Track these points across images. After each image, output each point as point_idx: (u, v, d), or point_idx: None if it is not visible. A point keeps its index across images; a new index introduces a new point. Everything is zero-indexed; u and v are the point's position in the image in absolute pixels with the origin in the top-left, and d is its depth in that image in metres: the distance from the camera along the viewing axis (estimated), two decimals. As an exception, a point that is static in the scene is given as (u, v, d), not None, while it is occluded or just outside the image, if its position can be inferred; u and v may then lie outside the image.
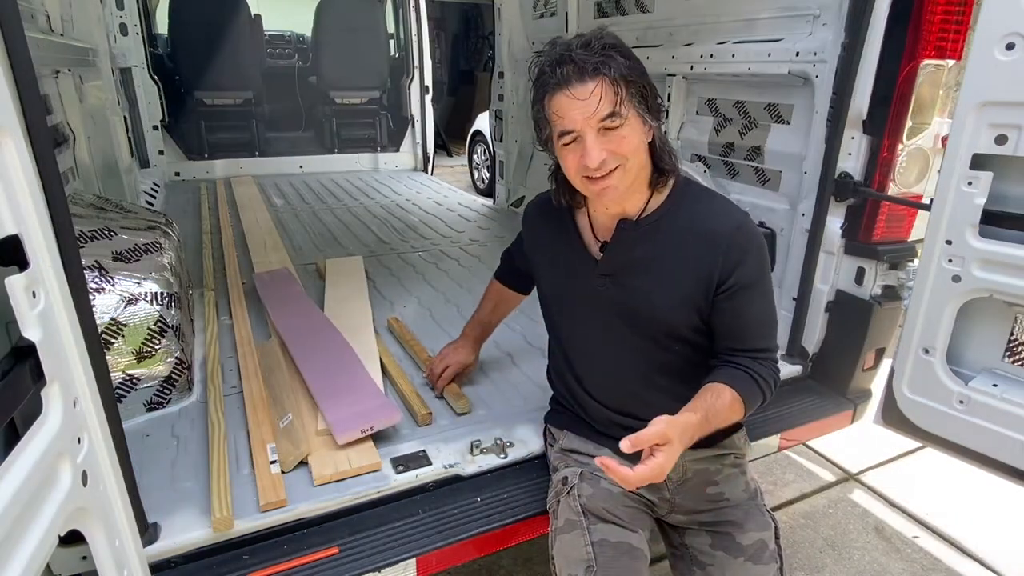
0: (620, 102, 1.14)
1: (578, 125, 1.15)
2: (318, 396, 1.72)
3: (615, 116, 1.14)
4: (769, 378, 1.27)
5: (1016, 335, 1.49)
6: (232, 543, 1.33)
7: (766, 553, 1.30)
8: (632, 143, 1.18)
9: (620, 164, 1.18)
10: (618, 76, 1.14)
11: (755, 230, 1.29)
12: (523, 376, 2.02)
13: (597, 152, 1.15)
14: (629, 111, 1.16)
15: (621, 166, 1.18)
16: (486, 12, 10.17)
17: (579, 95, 1.13)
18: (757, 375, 1.25)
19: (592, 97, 1.13)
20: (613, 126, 1.15)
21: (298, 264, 3.08)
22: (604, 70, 1.13)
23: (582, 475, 1.38)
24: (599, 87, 1.13)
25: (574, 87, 1.13)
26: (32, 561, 0.71)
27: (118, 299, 1.69)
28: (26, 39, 0.90)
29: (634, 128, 1.17)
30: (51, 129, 2.61)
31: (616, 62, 1.14)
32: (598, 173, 1.17)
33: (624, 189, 1.22)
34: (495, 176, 4.71)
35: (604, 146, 1.16)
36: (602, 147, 1.16)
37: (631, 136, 1.17)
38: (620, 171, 1.19)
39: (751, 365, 1.26)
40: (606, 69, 1.13)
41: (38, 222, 0.85)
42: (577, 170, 1.20)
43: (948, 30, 1.67)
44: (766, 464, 2.70)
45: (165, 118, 5.14)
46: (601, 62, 1.13)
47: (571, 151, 1.19)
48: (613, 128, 1.15)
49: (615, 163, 1.17)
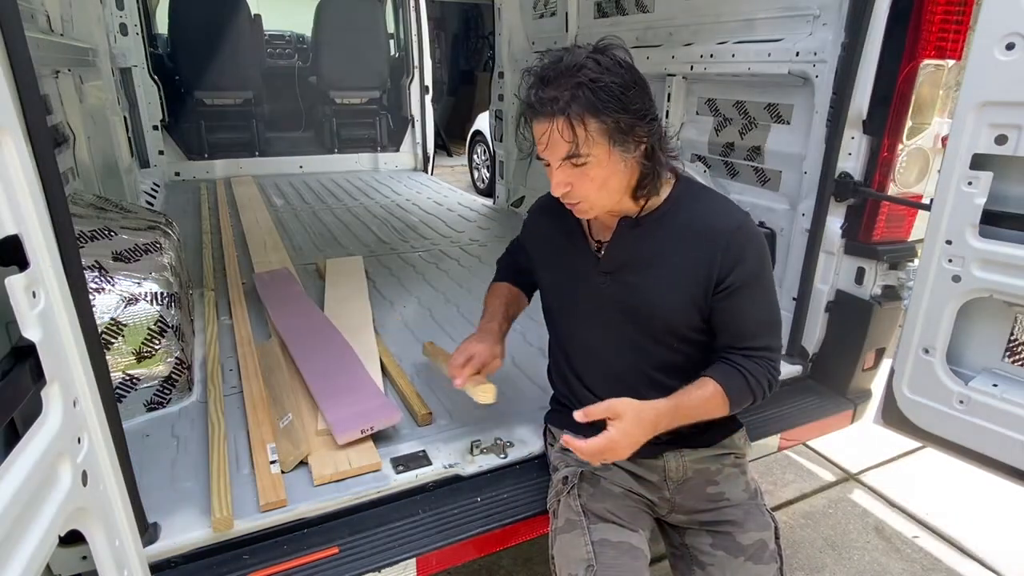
0: (578, 144, 1.12)
1: (546, 157, 1.18)
2: (318, 396, 1.72)
3: (575, 156, 1.14)
4: (762, 377, 1.27)
5: (1016, 335, 1.49)
6: (232, 543, 1.33)
7: (766, 553, 1.30)
8: (596, 180, 1.17)
9: (583, 199, 1.20)
10: (578, 117, 1.10)
11: (756, 230, 1.29)
12: (523, 376, 2.02)
13: (560, 185, 1.19)
14: (592, 148, 1.13)
15: (584, 200, 1.21)
16: (486, 12, 10.17)
17: (540, 130, 1.15)
18: (747, 372, 1.25)
19: (548, 138, 1.14)
20: (576, 164, 1.15)
21: (298, 264, 3.08)
22: (562, 114, 1.10)
23: (582, 475, 1.38)
24: (553, 130, 1.12)
25: (537, 122, 1.15)
26: (32, 561, 0.71)
27: (118, 299, 1.69)
28: (26, 39, 0.90)
29: (601, 164, 1.16)
30: (51, 129, 2.61)
31: (580, 101, 1.10)
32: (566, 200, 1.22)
33: (596, 213, 1.26)
34: (495, 176, 4.72)
35: (568, 179, 1.18)
36: (566, 180, 1.18)
37: (596, 172, 1.16)
38: (585, 204, 1.22)
39: (743, 363, 1.26)
40: (563, 112, 1.10)
41: (38, 222, 0.85)
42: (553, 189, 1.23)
43: (948, 30, 1.67)
44: (766, 464, 2.70)
45: (165, 118, 5.14)
46: (561, 107, 1.10)
47: (547, 171, 1.22)
48: (577, 166, 1.16)
49: (577, 198, 1.20)
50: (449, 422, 1.78)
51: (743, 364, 1.26)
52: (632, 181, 1.23)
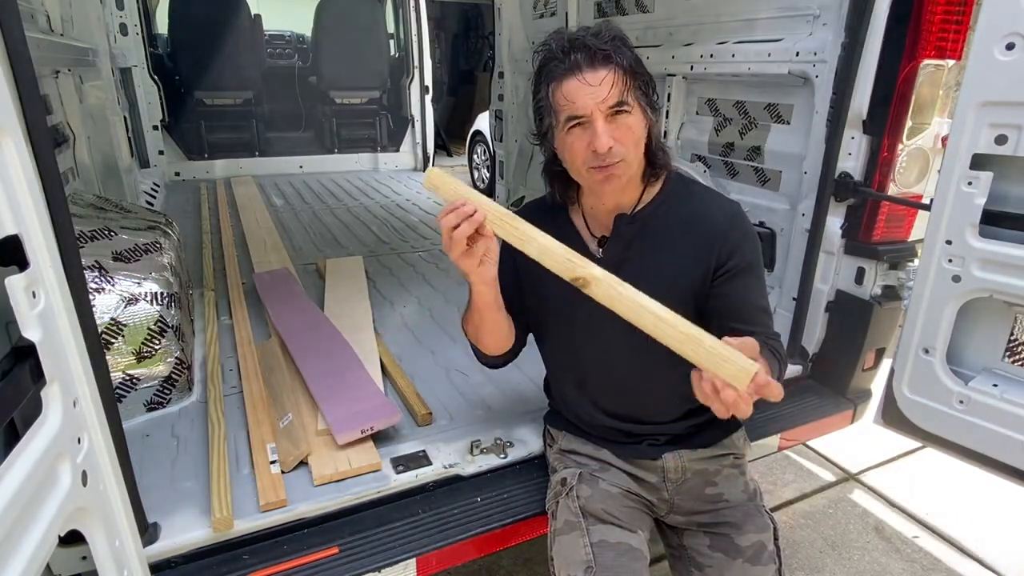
0: (628, 92, 1.15)
1: (588, 110, 1.15)
2: (318, 396, 1.72)
3: (623, 104, 1.15)
4: (783, 357, 1.28)
5: (1016, 335, 1.49)
6: (232, 543, 1.33)
7: (765, 554, 1.29)
8: (636, 134, 1.19)
9: (624, 156, 1.18)
10: (627, 66, 1.15)
11: (748, 220, 1.31)
12: (523, 376, 2.02)
13: (606, 137, 1.15)
14: (635, 102, 1.17)
15: (624, 159, 1.18)
16: (486, 12, 10.16)
17: (591, 80, 1.14)
18: (774, 349, 1.25)
19: (604, 84, 1.13)
20: (621, 111, 1.16)
21: (298, 264, 3.08)
22: (616, 58, 1.14)
23: (581, 476, 1.38)
24: (611, 74, 1.14)
25: (586, 72, 1.14)
26: (32, 561, 0.71)
27: (118, 299, 1.69)
28: (26, 39, 0.90)
29: (638, 119, 1.19)
30: (51, 129, 2.61)
31: (624, 53, 1.16)
32: (605, 161, 1.17)
33: (626, 180, 1.23)
34: (495, 176, 4.71)
35: (611, 133, 1.16)
36: (611, 133, 1.16)
37: (636, 127, 1.18)
38: (623, 164, 1.19)
39: (764, 339, 1.22)
40: (618, 58, 1.14)
41: (38, 222, 0.85)
42: (584, 158, 1.19)
43: (948, 30, 1.67)
44: (766, 464, 2.70)
45: (165, 118, 5.14)
46: (613, 50, 1.15)
47: (578, 137, 1.18)
48: (620, 117, 1.16)
49: (619, 155, 1.18)
50: (449, 422, 1.78)
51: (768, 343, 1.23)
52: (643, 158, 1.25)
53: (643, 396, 1.39)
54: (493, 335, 1.37)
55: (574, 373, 1.45)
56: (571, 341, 1.43)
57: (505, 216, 1.08)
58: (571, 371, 1.46)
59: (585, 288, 1.04)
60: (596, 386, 1.42)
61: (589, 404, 1.43)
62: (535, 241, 1.07)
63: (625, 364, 1.37)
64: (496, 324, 1.34)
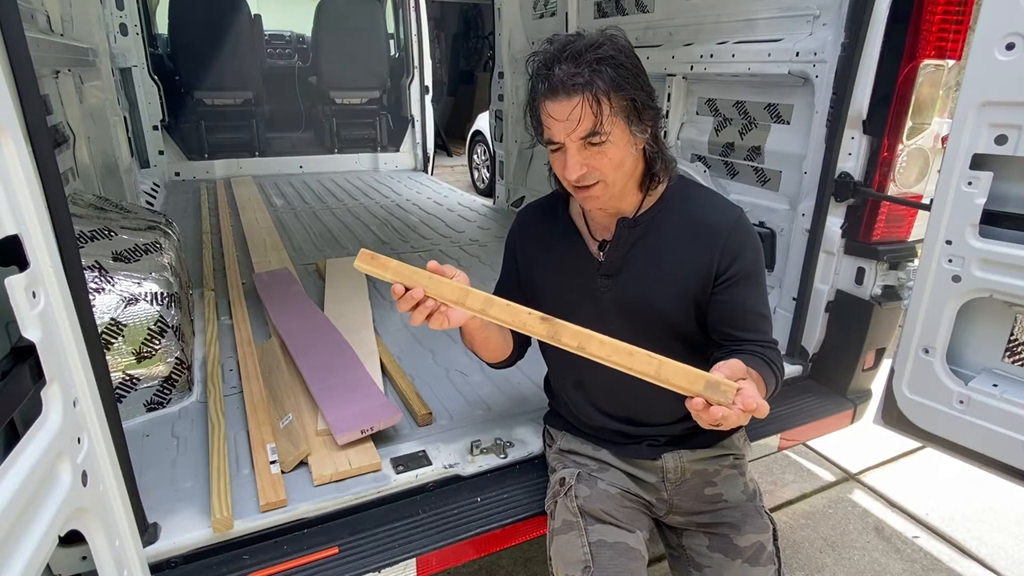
0: (602, 120, 1.12)
1: (560, 138, 1.15)
2: (318, 396, 1.72)
3: (596, 134, 1.13)
4: (780, 367, 1.27)
5: (1016, 335, 1.49)
6: (232, 543, 1.33)
7: (764, 555, 1.29)
8: (614, 159, 1.17)
9: (600, 180, 1.18)
10: (603, 92, 1.11)
11: (751, 225, 1.30)
12: (523, 376, 2.02)
13: (576, 167, 1.16)
14: (613, 127, 1.14)
15: (602, 181, 1.19)
16: (486, 12, 10.18)
17: (562, 113, 1.12)
18: (771, 361, 1.25)
19: (572, 116, 1.12)
20: (594, 143, 1.14)
21: (298, 264, 3.08)
22: (588, 89, 1.10)
23: (579, 476, 1.38)
24: (579, 106, 1.11)
25: (560, 100, 1.12)
26: (32, 561, 0.71)
27: (118, 299, 1.69)
28: (26, 39, 0.90)
29: (618, 143, 1.16)
30: (51, 129, 2.61)
31: (604, 76, 1.10)
32: (580, 183, 1.18)
33: (608, 199, 1.23)
34: (495, 176, 4.72)
35: (585, 160, 1.16)
36: (583, 161, 1.16)
37: (613, 152, 1.16)
38: (600, 186, 1.19)
39: (762, 351, 1.25)
40: (590, 87, 1.10)
41: (38, 222, 0.85)
42: (562, 177, 1.21)
43: (948, 30, 1.67)
44: (766, 464, 2.70)
45: (165, 118, 5.15)
46: (586, 81, 1.10)
47: (557, 158, 1.20)
48: (594, 146, 1.15)
49: (594, 179, 1.18)
50: (449, 422, 1.78)
51: (764, 353, 1.24)
52: (640, 167, 1.25)
53: (643, 398, 1.39)
54: (486, 349, 1.41)
55: (574, 375, 1.45)
56: None
57: (441, 284, 1.11)
58: (571, 373, 1.46)
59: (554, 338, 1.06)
60: (596, 388, 1.42)
61: (589, 405, 1.43)
62: (475, 297, 1.10)
63: None
64: (486, 340, 1.37)
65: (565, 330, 1.05)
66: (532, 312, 1.07)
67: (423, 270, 1.12)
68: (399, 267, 1.11)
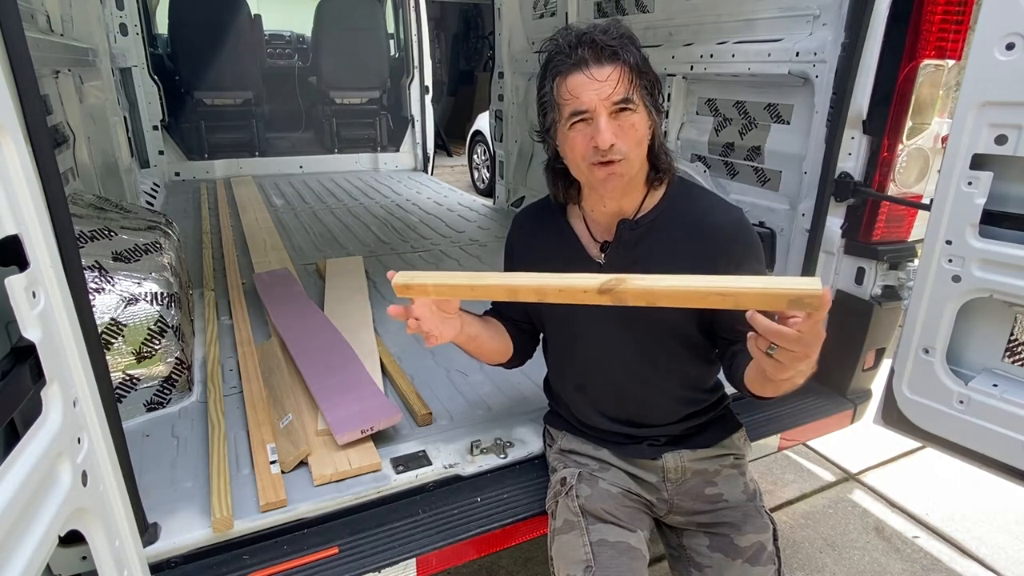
0: (633, 90, 1.15)
1: (592, 105, 1.15)
2: (318, 396, 1.72)
3: (628, 102, 1.15)
4: None
5: (1016, 335, 1.49)
6: (232, 543, 1.33)
7: (764, 555, 1.29)
8: (639, 132, 1.18)
9: (625, 154, 1.17)
10: (633, 65, 1.15)
11: (751, 226, 1.31)
12: (523, 376, 2.02)
13: (609, 133, 1.15)
14: (640, 101, 1.17)
15: (626, 157, 1.18)
16: (486, 12, 10.17)
17: (597, 76, 1.14)
18: None
19: (609, 80, 1.13)
20: (627, 109, 1.15)
21: (298, 264, 3.08)
22: (623, 55, 1.14)
23: (580, 476, 1.38)
24: (616, 71, 1.14)
25: (592, 68, 1.14)
26: (32, 561, 0.71)
27: (118, 299, 1.69)
28: (26, 39, 0.90)
29: (642, 118, 1.19)
30: (51, 129, 2.61)
31: (631, 51, 1.16)
32: (606, 157, 1.17)
33: (627, 180, 1.22)
34: (495, 176, 4.72)
35: (614, 130, 1.16)
36: (614, 130, 1.16)
37: (639, 125, 1.18)
38: (625, 162, 1.18)
39: None
40: (624, 55, 1.15)
41: (38, 222, 0.85)
42: (585, 154, 1.19)
43: (948, 30, 1.67)
44: (766, 464, 2.70)
45: (165, 118, 5.15)
46: (620, 47, 1.15)
47: (580, 132, 1.18)
48: (624, 114, 1.16)
49: (621, 152, 1.17)
50: (449, 422, 1.78)
51: None
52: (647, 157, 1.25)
53: (643, 400, 1.39)
54: (485, 354, 1.46)
55: (574, 376, 1.45)
56: (571, 346, 1.43)
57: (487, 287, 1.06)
58: (571, 374, 1.46)
59: (610, 296, 0.96)
60: (596, 390, 1.42)
61: (589, 407, 1.43)
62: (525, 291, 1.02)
63: (625, 369, 1.37)
64: (482, 347, 1.41)
65: (627, 295, 0.96)
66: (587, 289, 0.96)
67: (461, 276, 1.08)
68: (438, 286, 1.09)
